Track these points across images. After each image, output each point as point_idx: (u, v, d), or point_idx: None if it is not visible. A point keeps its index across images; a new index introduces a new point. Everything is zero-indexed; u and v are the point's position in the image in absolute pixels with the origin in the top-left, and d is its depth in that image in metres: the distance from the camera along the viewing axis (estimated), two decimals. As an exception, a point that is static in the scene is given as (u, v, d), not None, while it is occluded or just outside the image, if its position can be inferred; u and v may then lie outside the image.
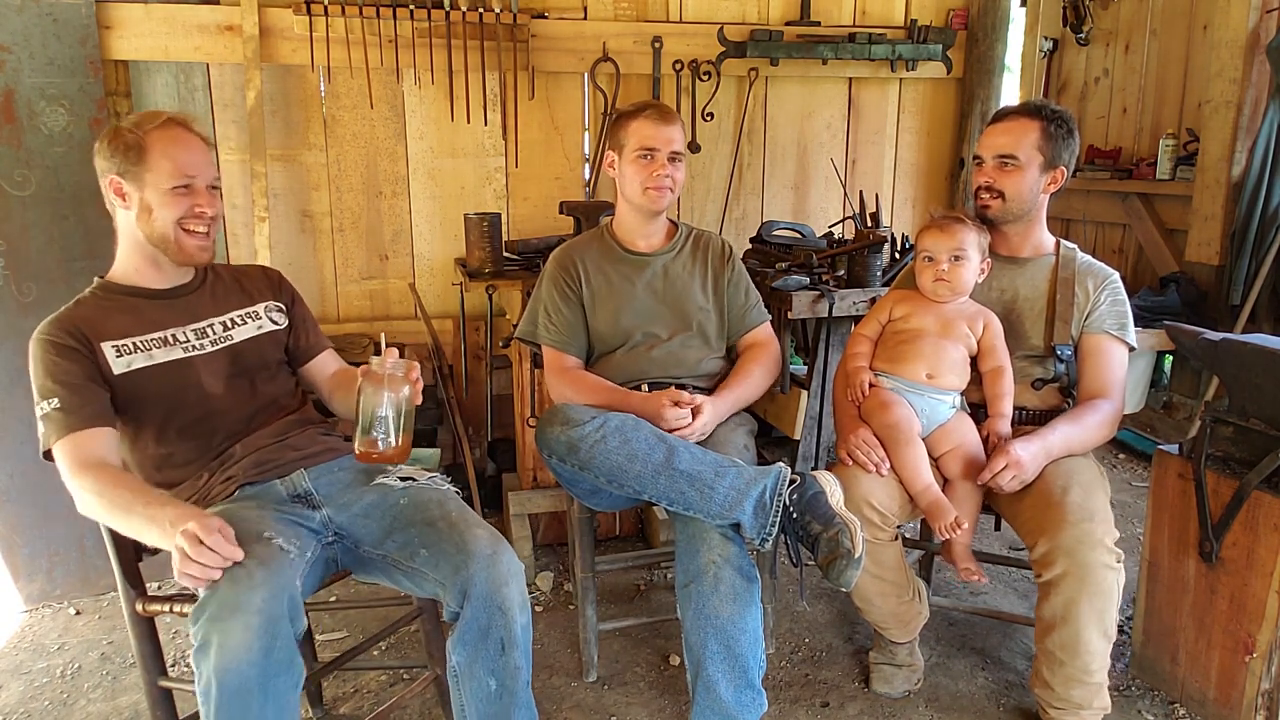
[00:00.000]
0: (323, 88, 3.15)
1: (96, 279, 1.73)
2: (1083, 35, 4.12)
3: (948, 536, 1.88)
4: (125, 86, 2.93)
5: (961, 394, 2.02)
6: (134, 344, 1.65)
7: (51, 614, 2.55)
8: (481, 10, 3.08)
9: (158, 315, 1.70)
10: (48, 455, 1.59)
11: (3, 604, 2.55)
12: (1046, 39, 4.36)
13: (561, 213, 2.94)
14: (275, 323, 1.85)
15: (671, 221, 2.28)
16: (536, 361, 2.30)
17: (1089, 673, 1.81)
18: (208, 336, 1.74)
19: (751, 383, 2.19)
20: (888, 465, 1.94)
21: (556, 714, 2.09)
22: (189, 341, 1.71)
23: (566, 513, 2.35)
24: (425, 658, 1.98)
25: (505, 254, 2.95)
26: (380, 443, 1.56)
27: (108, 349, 1.63)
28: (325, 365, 1.94)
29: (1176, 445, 2.09)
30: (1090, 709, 1.87)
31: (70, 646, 2.39)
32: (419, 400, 1.59)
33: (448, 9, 3.05)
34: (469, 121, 3.23)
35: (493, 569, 1.58)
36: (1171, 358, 3.60)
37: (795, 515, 1.76)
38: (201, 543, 1.37)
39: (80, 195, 2.57)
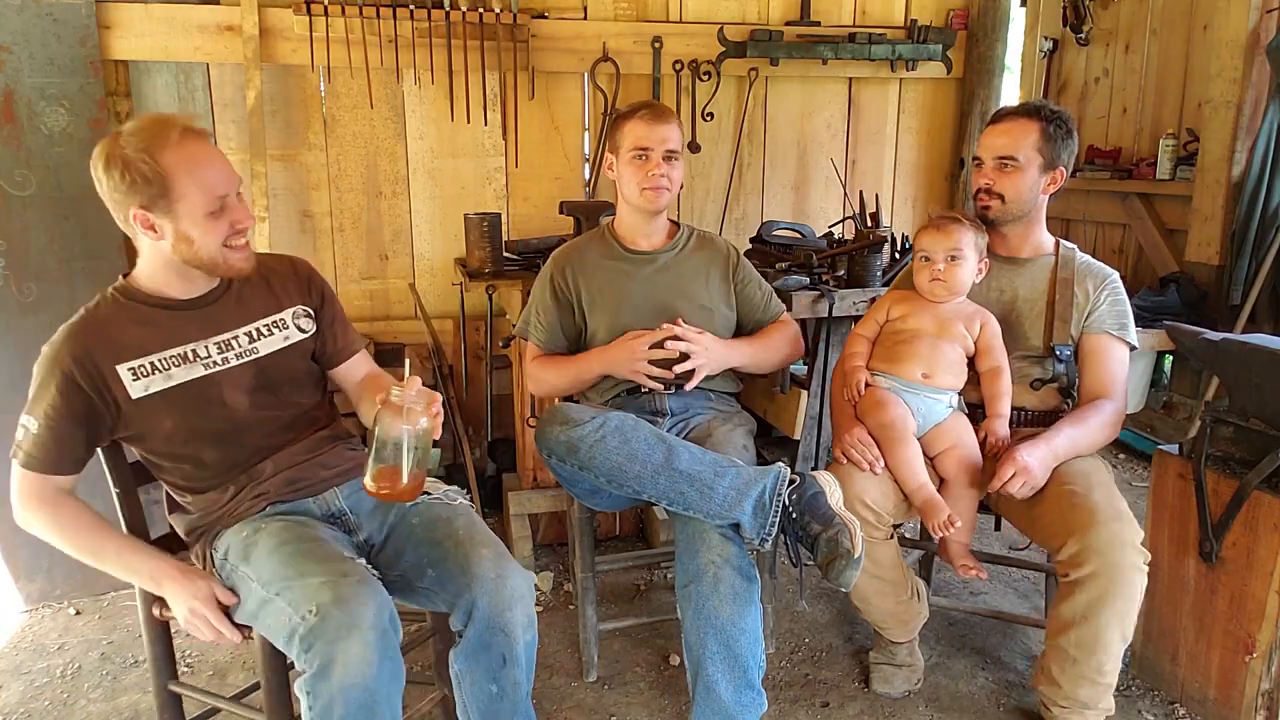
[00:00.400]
0: (323, 88, 3.14)
1: (121, 278, 1.63)
2: (1083, 35, 4.12)
3: (942, 535, 1.88)
4: (125, 86, 2.93)
5: (959, 394, 2.02)
6: (152, 364, 1.56)
7: (51, 614, 2.55)
8: (481, 10, 3.08)
9: (178, 328, 1.60)
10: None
11: (3, 604, 2.55)
12: (1046, 39, 4.35)
13: (561, 213, 2.94)
14: (303, 330, 1.73)
15: (673, 221, 2.28)
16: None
17: (1102, 673, 1.81)
18: (232, 349, 1.63)
19: (770, 343, 2.24)
20: (882, 464, 1.94)
21: (556, 714, 2.09)
22: (210, 357, 1.61)
23: (566, 513, 2.35)
24: (434, 675, 1.94)
25: (505, 254, 2.95)
26: (390, 479, 1.44)
27: (124, 372, 1.54)
28: (355, 369, 1.82)
29: (1176, 445, 2.09)
30: (1095, 709, 1.87)
31: (70, 646, 2.39)
32: (438, 434, 1.48)
33: (448, 9, 3.05)
34: (469, 121, 3.22)
35: (496, 594, 1.57)
36: (1171, 358, 3.60)
37: (795, 515, 1.76)
38: (209, 621, 1.51)
39: (80, 195, 2.57)
